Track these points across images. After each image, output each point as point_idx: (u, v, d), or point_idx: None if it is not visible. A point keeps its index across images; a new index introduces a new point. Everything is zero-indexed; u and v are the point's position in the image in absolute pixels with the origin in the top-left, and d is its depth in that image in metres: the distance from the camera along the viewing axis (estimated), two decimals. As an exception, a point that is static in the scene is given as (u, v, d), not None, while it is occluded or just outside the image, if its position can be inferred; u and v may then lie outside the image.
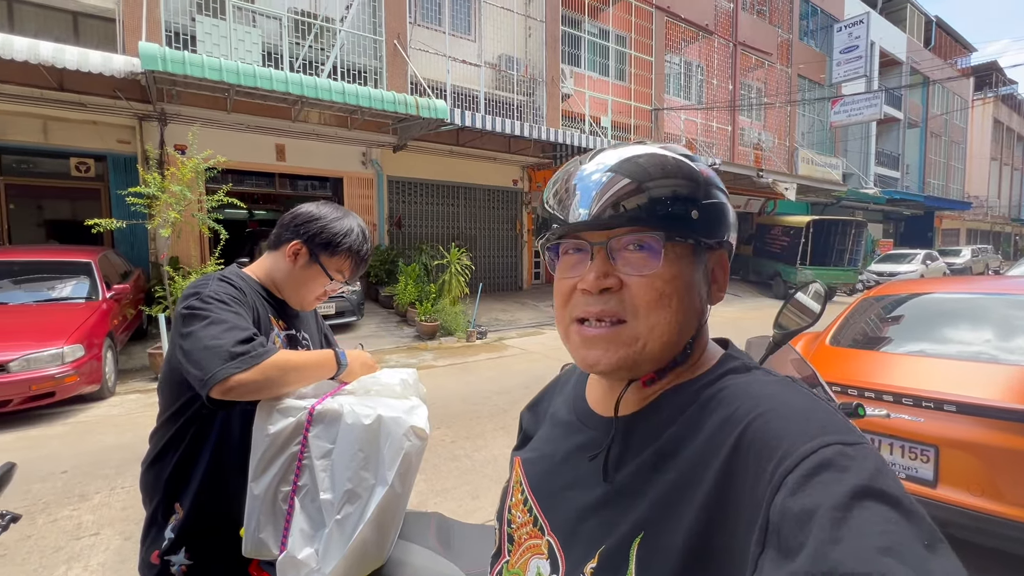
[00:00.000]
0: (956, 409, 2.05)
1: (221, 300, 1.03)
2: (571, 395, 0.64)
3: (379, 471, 0.94)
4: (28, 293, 4.99)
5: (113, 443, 3.73)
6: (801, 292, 1.05)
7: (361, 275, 1.28)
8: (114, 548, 2.47)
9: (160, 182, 5.58)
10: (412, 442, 0.96)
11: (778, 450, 0.39)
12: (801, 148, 17.70)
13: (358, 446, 0.94)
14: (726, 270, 0.55)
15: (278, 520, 0.95)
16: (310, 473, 0.94)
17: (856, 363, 2.57)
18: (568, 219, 0.50)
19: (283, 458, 0.94)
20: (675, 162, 0.51)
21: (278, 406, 0.97)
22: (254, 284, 1.18)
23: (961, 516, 2.01)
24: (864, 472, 0.36)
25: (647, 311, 0.49)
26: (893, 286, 3.46)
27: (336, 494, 0.93)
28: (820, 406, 0.44)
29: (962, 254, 19.27)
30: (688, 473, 0.46)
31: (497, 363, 6.49)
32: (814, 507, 0.35)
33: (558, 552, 0.53)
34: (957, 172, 27.14)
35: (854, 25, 17.73)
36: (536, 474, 0.60)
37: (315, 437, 0.95)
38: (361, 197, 9.73)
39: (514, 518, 0.61)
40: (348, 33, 8.40)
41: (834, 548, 0.32)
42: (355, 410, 0.97)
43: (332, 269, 1.18)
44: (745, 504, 0.40)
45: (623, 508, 0.49)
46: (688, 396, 0.51)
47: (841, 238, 14.83)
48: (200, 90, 7.03)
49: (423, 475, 3.25)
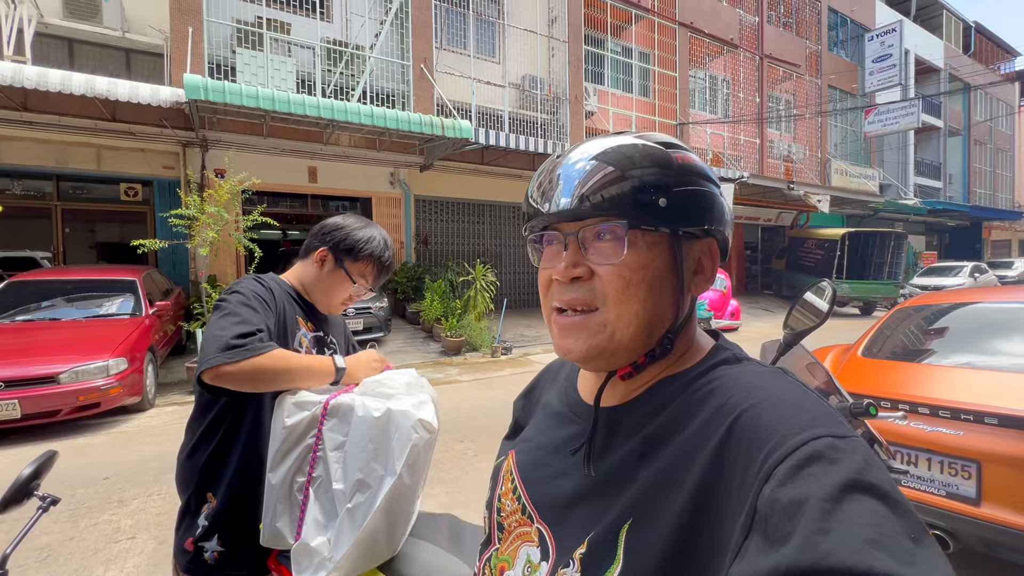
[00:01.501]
0: (998, 422, 1.94)
1: (244, 296, 1.11)
2: (563, 386, 0.65)
3: (388, 462, 0.97)
4: (78, 310, 5.30)
5: (151, 452, 3.89)
6: (810, 292, 1.04)
7: (384, 282, 1.35)
8: (148, 552, 2.57)
9: (199, 204, 5.89)
10: (420, 434, 0.98)
11: (768, 441, 0.40)
12: (834, 159, 17.26)
13: (368, 438, 0.98)
14: (715, 259, 0.54)
15: (294, 510, 0.99)
16: (324, 464, 0.98)
17: (889, 375, 2.47)
18: (543, 211, 0.52)
19: (299, 449, 0.99)
20: (644, 150, 0.51)
21: (295, 400, 1.01)
22: (287, 287, 1.26)
23: (1008, 536, 1.88)
24: (854, 465, 0.36)
25: (615, 300, 0.50)
26: (932, 296, 3.32)
27: (348, 484, 0.97)
28: (811, 398, 0.44)
29: (1014, 266, 18.21)
30: (678, 462, 0.46)
31: (522, 378, 6.46)
32: (803, 498, 0.35)
33: (548, 539, 0.54)
34: (1006, 181, 25.88)
35: (886, 34, 17.34)
36: (527, 463, 0.61)
37: (329, 430, 0.99)
38: (389, 216, 9.98)
39: (503, 506, 0.62)
40: (377, 59, 8.75)
41: (823, 539, 0.33)
42: (366, 404, 1.01)
43: (355, 274, 1.26)
44: (734, 493, 0.40)
45: (612, 495, 0.49)
46: (679, 387, 0.51)
47: (880, 251, 14.26)
48: (239, 117, 7.43)
49: (445, 487, 3.26)
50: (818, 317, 0.99)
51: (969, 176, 23.37)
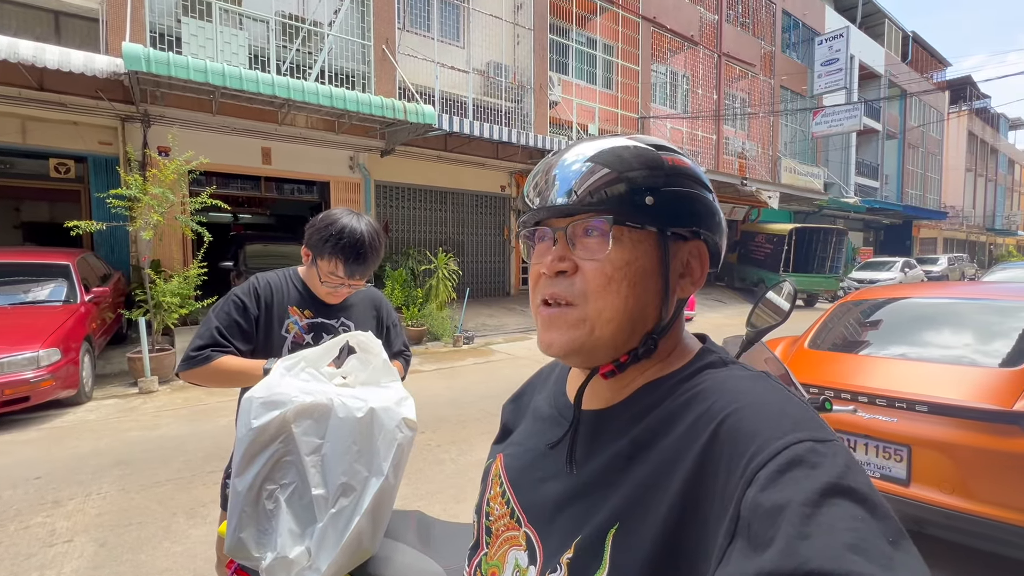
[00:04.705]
0: (928, 409, 2.11)
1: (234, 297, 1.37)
2: (552, 390, 0.65)
3: (373, 463, 0.94)
4: (4, 296, 4.87)
5: (89, 449, 3.65)
6: (772, 291, 1.08)
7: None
8: (88, 555, 2.42)
9: (141, 184, 5.51)
10: (404, 433, 0.97)
11: (751, 445, 0.40)
12: (784, 157, 18.04)
13: (351, 439, 0.95)
14: (704, 263, 0.54)
15: (261, 521, 0.94)
16: (298, 470, 0.94)
17: (833, 366, 2.63)
18: (534, 207, 0.53)
19: (268, 454, 0.94)
20: (635, 151, 0.51)
21: (263, 399, 0.96)
22: (295, 278, 1.45)
23: (933, 514, 2.06)
24: (834, 469, 0.37)
25: (595, 295, 0.50)
26: (870, 291, 3.55)
27: (330, 488, 0.93)
28: (794, 402, 0.44)
29: (939, 262, 19.73)
30: (663, 466, 0.46)
31: (484, 368, 6.48)
32: (784, 502, 0.35)
33: (536, 543, 0.54)
34: (934, 183, 27.87)
35: (834, 39, 18.19)
36: (515, 467, 0.61)
37: (303, 433, 0.94)
38: (348, 202, 9.68)
39: (492, 510, 0.62)
40: (336, 37, 8.39)
41: (803, 544, 0.33)
42: (346, 403, 0.97)
43: (324, 271, 1.35)
44: (717, 498, 0.41)
45: (598, 499, 0.50)
46: (664, 390, 0.51)
47: (823, 246, 15.11)
48: (185, 92, 6.96)
49: (408, 479, 3.23)
50: (779, 315, 1.03)
51: (903, 177, 25.02)
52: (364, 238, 1.31)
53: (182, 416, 4.43)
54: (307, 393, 0.97)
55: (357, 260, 1.31)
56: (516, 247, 12.60)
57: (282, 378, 0.98)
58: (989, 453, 1.97)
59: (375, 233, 1.35)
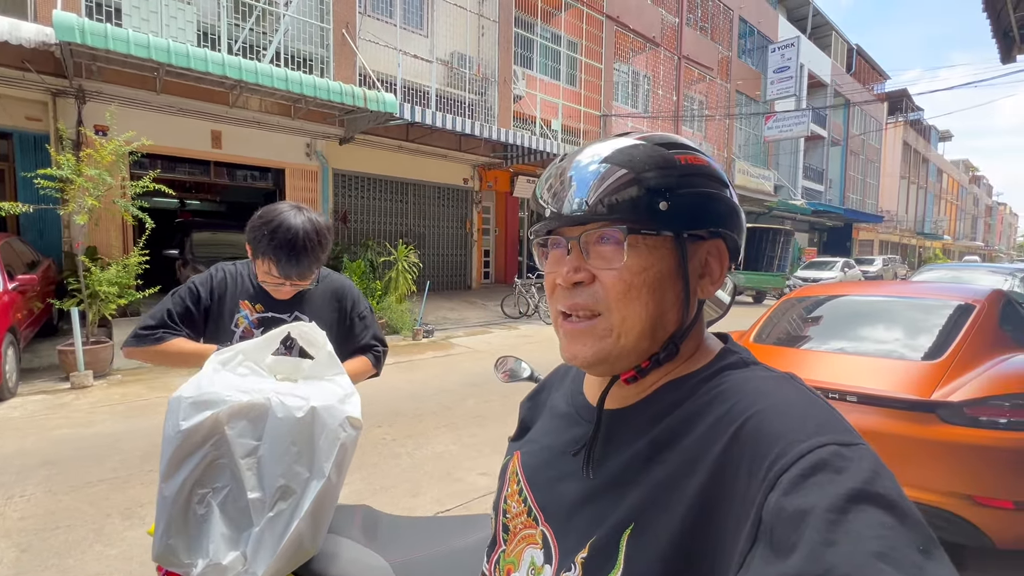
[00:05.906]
0: (857, 400, 2.25)
1: (190, 284, 1.35)
2: (570, 388, 0.65)
3: (314, 464, 0.90)
4: (-89, 282, 4.44)
5: (13, 448, 3.39)
6: (716, 286, 1.12)
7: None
8: (9, 561, 2.25)
9: (75, 164, 5.12)
10: (348, 432, 0.93)
11: (774, 448, 0.39)
12: (738, 160, 18.75)
13: (290, 440, 0.91)
14: (723, 261, 0.53)
15: (191, 527, 0.89)
16: (232, 473, 0.89)
17: (776, 359, 2.76)
18: (548, 215, 0.52)
19: (198, 457, 0.89)
20: (645, 151, 0.50)
21: (193, 399, 0.90)
22: (248, 273, 1.41)
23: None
24: (861, 474, 0.35)
25: (617, 304, 0.50)
26: (812, 289, 3.74)
27: (267, 492, 0.89)
28: (818, 404, 0.43)
29: (875, 263, 21.09)
30: (682, 466, 0.45)
31: (443, 362, 6.43)
32: (808, 508, 0.34)
33: (552, 542, 0.54)
34: (872, 188, 29.71)
35: (786, 47, 19.03)
36: (532, 465, 0.61)
37: (237, 435, 0.90)
38: (304, 190, 9.36)
39: (509, 508, 0.61)
40: (293, 18, 8.06)
41: (828, 550, 0.32)
42: (285, 402, 0.92)
43: (260, 271, 1.31)
44: (738, 501, 0.40)
45: (614, 499, 0.49)
46: (685, 390, 0.51)
47: (771, 245, 15.80)
48: (125, 68, 6.51)
49: (361, 473, 3.17)
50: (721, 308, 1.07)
51: (845, 182, 26.54)
52: (299, 237, 1.22)
53: (118, 412, 4.18)
54: (243, 392, 0.91)
55: (291, 260, 1.23)
56: (479, 241, 12.56)
57: (215, 374, 0.93)
58: (911, 440, 2.13)
59: (316, 231, 1.26)
